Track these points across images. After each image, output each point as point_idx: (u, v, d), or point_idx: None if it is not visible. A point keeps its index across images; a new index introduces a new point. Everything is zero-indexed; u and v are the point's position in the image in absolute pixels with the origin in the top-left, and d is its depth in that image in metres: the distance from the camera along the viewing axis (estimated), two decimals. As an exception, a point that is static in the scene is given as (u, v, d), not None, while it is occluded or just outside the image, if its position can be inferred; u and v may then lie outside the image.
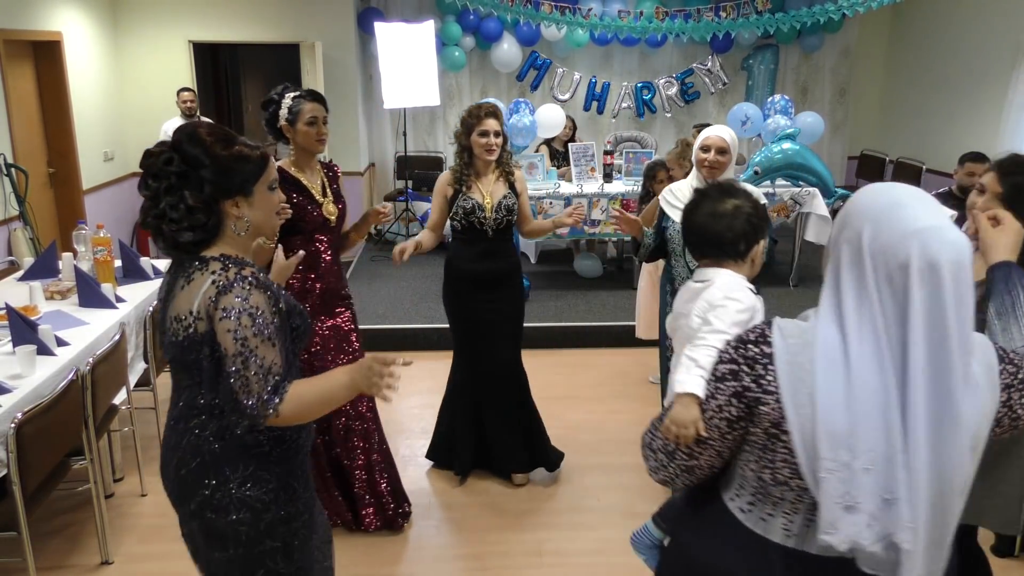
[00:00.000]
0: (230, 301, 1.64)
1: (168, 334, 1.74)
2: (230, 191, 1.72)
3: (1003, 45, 6.53)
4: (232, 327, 1.64)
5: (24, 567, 2.67)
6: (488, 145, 3.34)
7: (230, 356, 1.64)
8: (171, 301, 1.73)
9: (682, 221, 2.01)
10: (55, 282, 3.86)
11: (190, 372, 1.75)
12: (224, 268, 1.68)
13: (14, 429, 2.51)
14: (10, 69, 5.60)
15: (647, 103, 8.20)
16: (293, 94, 2.90)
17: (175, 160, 1.67)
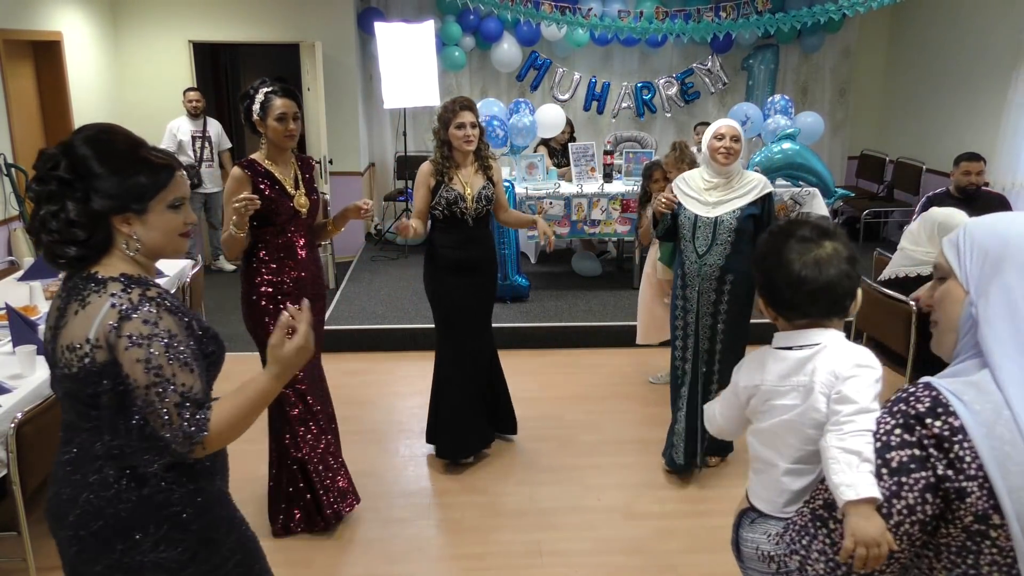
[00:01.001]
0: (136, 327, 1.47)
1: (59, 366, 1.53)
2: (120, 206, 1.52)
3: (1003, 45, 6.53)
4: (142, 356, 1.46)
5: (24, 567, 2.67)
6: (466, 137, 3.47)
7: (142, 388, 1.47)
8: (62, 328, 1.53)
9: (772, 271, 1.54)
10: (55, 282, 3.86)
11: (86, 412, 1.54)
12: (125, 289, 1.50)
13: (14, 429, 2.51)
14: (10, 69, 5.59)
15: (647, 103, 8.20)
16: (267, 89, 2.97)
17: (62, 164, 1.49)
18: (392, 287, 6.46)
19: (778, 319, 1.57)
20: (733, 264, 3.41)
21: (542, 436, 4.18)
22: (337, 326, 5.46)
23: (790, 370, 1.52)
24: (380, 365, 5.18)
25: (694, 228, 3.44)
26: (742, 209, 3.37)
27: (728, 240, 3.39)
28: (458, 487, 3.72)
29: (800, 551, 1.24)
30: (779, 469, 1.51)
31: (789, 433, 1.49)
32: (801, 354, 1.52)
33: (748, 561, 1.52)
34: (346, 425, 4.33)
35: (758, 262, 1.58)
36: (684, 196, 3.48)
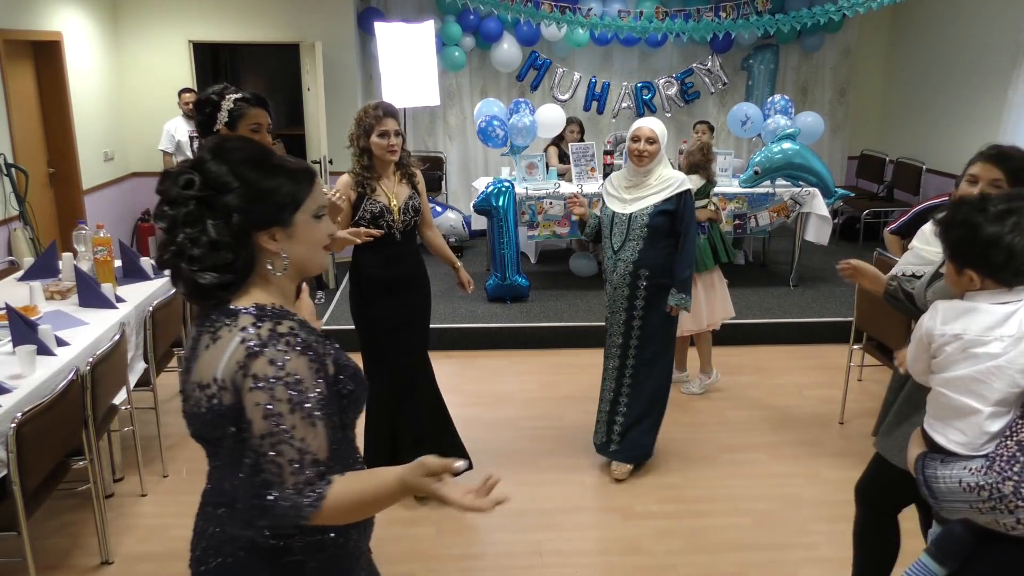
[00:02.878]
0: (262, 367, 1.30)
1: (190, 402, 1.40)
2: (265, 221, 1.37)
3: (1003, 45, 6.53)
4: (262, 400, 1.29)
5: (24, 567, 2.67)
6: (389, 146, 3.20)
7: (257, 437, 1.30)
8: (194, 363, 1.38)
9: (993, 244, 1.67)
10: (55, 282, 3.86)
11: (213, 451, 1.43)
12: (256, 323, 1.34)
13: (14, 429, 2.51)
14: (10, 69, 5.59)
15: (647, 103, 8.20)
16: (235, 96, 2.65)
17: (196, 182, 1.34)
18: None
19: (983, 281, 1.72)
20: (647, 259, 3.49)
21: (542, 436, 4.18)
22: (337, 326, 5.46)
23: (996, 322, 1.68)
24: (380, 365, 5.17)
25: (611, 225, 3.56)
26: (655, 206, 3.46)
27: (641, 236, 3.47)
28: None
29: (1013, 477, 1.49)
30: (983, 413, 1.65)
31: (996, 378, 1.64)
32: (1006, 308, 1.69)
33: (947, 495, 1.65)
34: (346, 425, 4.34)
35: (971, 236, 1.70)
36: (607, 195, 3.63)
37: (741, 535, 3.32)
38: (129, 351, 3.51)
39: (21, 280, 4.04)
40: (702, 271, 4.52)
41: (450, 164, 8.40)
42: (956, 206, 1.78)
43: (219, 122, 2.63)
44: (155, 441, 3.86)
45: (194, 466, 3.90)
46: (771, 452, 4.04)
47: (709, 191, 4.62)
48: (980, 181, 2.14)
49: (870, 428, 2.71)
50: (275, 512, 1.31)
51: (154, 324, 3.67)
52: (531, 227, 6.15)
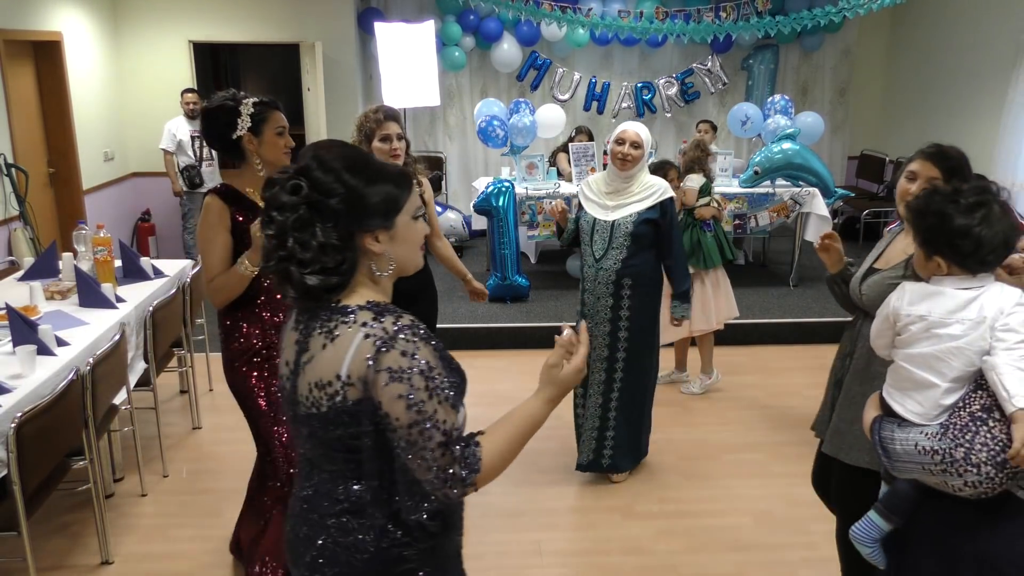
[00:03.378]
0: (395, 359, 1.33)
1: (303, 404, 1.42)
2: (370, 224, 1.41)
3: (1003, 45, 6.53)
4: (404, 391, 1.33)
5: (24, 567, 2.67)
6: (392, 151, 3.08)
7: (404, 427, 1.34)
8: (307, 364, 1.41)
9: (964, 233, 1.78)
10: (55, 282, 3.86)
11: (331, 454, 1.43)
12: (377, 318, 1.38)
13: (14, 429, 2.51)
14: (10, 69, 5.60)
15: (647, 103, 8.20)
16: (253, 100, 2.56)
17: (303, 187, 1.37)
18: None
19: (949, 268, 1.82)
20: (630, 268, 3.37)
21: (542, 436, 4.15)
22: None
23: (958, 306, 1.81)
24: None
25: (592, 232, 3.43)
26: (639, 213, 3.35)
27: (624, 244, 3.36)
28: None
29: (964, 444, 1.65)
30: (940, 388, 1.79)
31: (955, 357, 1.77)
32: (969, 294, 1.81)
33: (901, 456, 1.80)
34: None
35: (942, 226, 1.80)
36: (586, 200, 3.48)
37: (741, 535, 3.32)
38: (129, 351, 3.51)
39: (21, 280, 4.04)
40: (710, 268, 4.52)
41: (450, 164, 8.40)
42: (929, 196, 1.88)
43: (241, 128, 2.52)
44: (155, 441, 3.86)
45: (194, 466, 3.90)
46: (771, 452, 4.04)
47: (710, 188, 4.63)
48: (919, 178, 2.23)
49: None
50: (440, 493, 1.37)
51: (154, 324, 3.67)
52: (531, 227, 6.15)
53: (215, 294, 2.55)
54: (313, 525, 1.47)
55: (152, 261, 4.31)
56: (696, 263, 4.49)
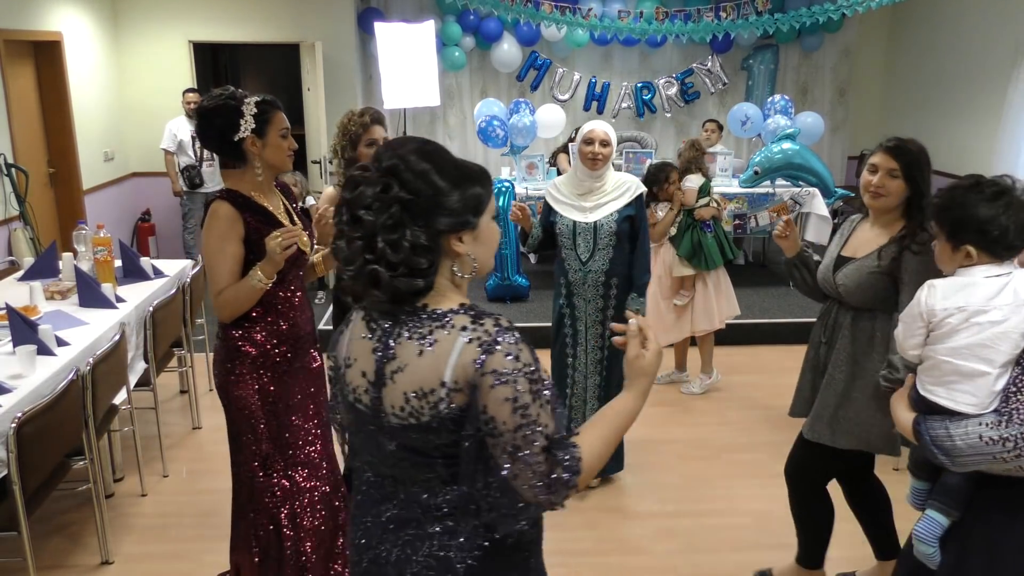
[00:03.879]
0: (500, 362, 1.30)
1: (394, 416, 1.36)
2: (460, 223, 1.37)
3: (1003, 45, 6.52)
4: (510, 394, 1.29)
5: (24, 567, 2.67)
6: None
7: (510, 431, 1.30)
8: (397, 374, 1.35)
9: (991, 221, 1.87)
10: (55, 282, 3.86)
11: (427, 463, 1.38)
12: (477, 321, 1.34)
13: (14, 429, 2.51)
14: (10, 69, 5.60)
15: (647, 103, 8.20)
16: (255, 99, 2.38)
17: (394, 187, 1.32)
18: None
19: (979, 256, 1.89)
20: (616, 268, 3.35)
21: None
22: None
23: (993, 293, 1.86)
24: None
25: (574, 235, 3.34)
26: (619, 211, 3.32)
27: (610, 244, 3.33)
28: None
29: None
30: (992, 375, 1.82)
31: (1002, 342, 1.82)
32: (1000, 281, 1.87)
33: (965, 451, 1.79)
34: (346, 425, 4.34)
35: (968, 216, 1.87)
36: (558, 203, 3.38)
37: (741, 535, 3.32)
38: (129, 351, 3.51)
39: (21, 280, 4.04)
40: (711, 269, 4.52)
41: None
42: (950, 191, 1.95)
43: (244, 130, 2.35)
44: (155, 441, 3.86)
45: (194, 466, 3.90)
46: (771, 452, 4.03)
47: (709, 188, 4.62)
48: (879, 170, 2.37)
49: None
50: (543, 499, 1.34)
51: (154, 324, 3.67)
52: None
53: (223, 308, 2.39)
54: (407, 544, 1.41)
55: (152, 261, 4.31)
56: (697, 264, 4.49)
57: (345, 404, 1.46)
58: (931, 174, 2.44)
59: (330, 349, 1.53)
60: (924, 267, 2.28)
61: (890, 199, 2.38)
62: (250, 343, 2.46)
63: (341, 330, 1.50)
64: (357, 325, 1.45)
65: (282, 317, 2.49)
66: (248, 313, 2.43)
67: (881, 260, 2.39)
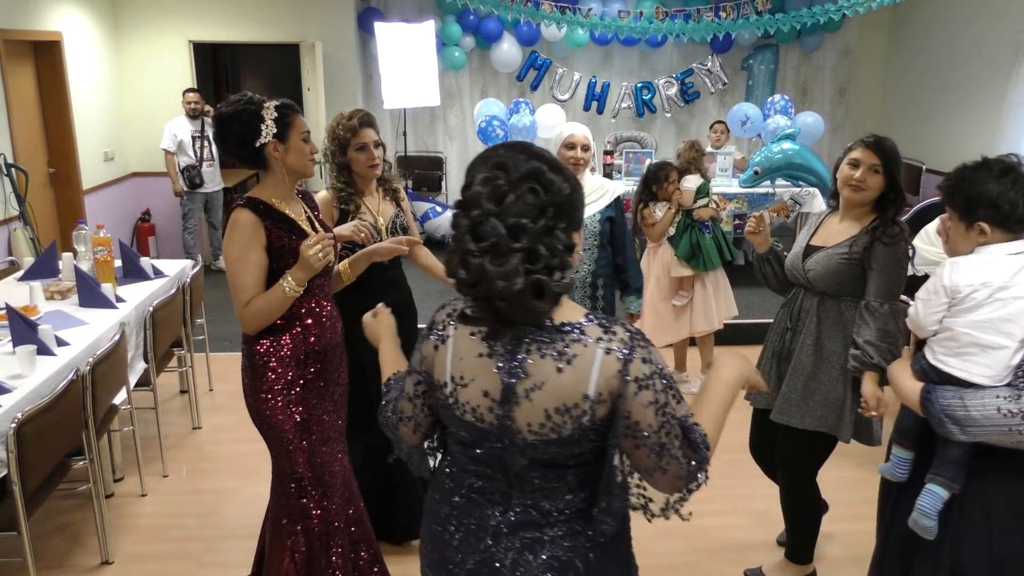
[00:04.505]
0: (639, 368, 1.32)
1: (530, 433, 1.35)
2: (578, 225, 1.39)
3: (1003, 45, 6.53)
4: (651, 398, 1.32)
5: (24, 567, 2.67)
6: (371, 160, 2.87)
7: (655, 432, 1.32)
8: (534, 391, 1.34)
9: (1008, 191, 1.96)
10: (55, 282, 3.86)
11: (557, 473, 1.39)
12: (608, 331, 1.34)
13: (14, 429, 2.51)
14: (10, 69, 5.60)
15: (647, 103, 8.20)
16: (275, 103, 2.32)
17: (540, 191, 1.31)
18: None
19: (993, 231, 1.94)
20: (600, 269, 3.36)
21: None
22: (337, 326, 5.46)
23: (1016, 269, 1.92)
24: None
25: None
26: (601, 212, 3.32)
27: (595, 244, 3.33)
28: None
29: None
30: (1010, 349, 1.87)
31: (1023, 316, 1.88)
32: (1021, 258, 1.92)
33: (980, 421, 1.84)
34: (346, 425, 4.33)
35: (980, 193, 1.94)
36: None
37: (741, 535, 3.32)
38: (129, 351, 3.51)
39: (21, 280, 4.04)
40: (710, 270, 4.52)
41: (450, 164, 8.41)
42: (959, 172, 2.03)
43: (266, 135, 2.27)
44: (155, 441, 3.86)
45: (194, 466, 3.90)
46: (771, 452, 4.03)
47: (708, 189, 4.62)
48: (862, 165, 2.47)
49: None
50: (685, 487, 1.38)
51: (154, 324, 3.67)
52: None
53: (252, 319, 2.28)
54: (525, 547, 1.42)
55: (152, 261, 4.31)
56: (696, 265, 4.49)
57: (454, 420, 1.44)
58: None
59: (414, 365, 1.52)
60: (893, 257, 2.45)
61: (869, 193, 2.49)
62: (277, 359, 2.36)
63: (436, 345, 1.45)
64: (464, 342, 1.41)
65: (309, 330, 2.39)
66: (273, 325, 2.34)
67: (852, 249, 2.50)
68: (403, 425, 1.57)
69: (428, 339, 1.48)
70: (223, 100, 2.36)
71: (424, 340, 1.49)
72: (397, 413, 1.58)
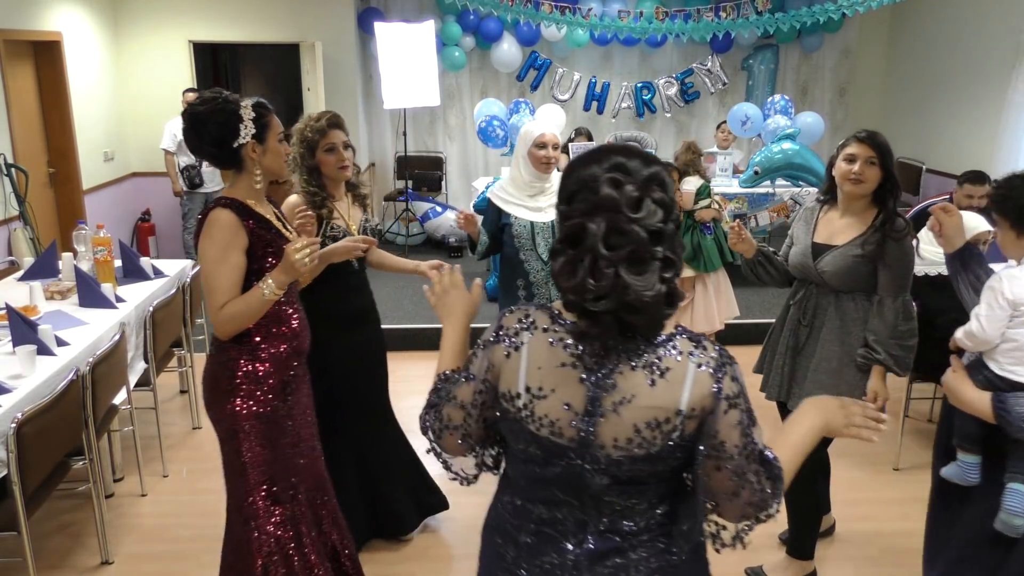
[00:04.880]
0: (729, 386, 1.28)
1: (621, 448, 1.28)
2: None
3: (1003, 45, 6.52)
4: (738, 417, 1.29)
5: (24, 567, 2.67)
6: (341, 162, 2.82)
7: (737, 454, 1.28)
8: (623, 405, 1.27)
9: None
10: (55, 282, 3.86)
11: (638, 490, 1.33)
12: (698, 345, 1.29)
13: (14, 429, 2.51)
14: (10, 69, 5.60)
15: (647, 103, 8.20)
16: (251, 102, 2.22)
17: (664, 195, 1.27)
18: (392, 287, 6.46)
19: None
20: None
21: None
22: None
23: None
24: (380, 365, 5.18)
25: (533, 235, 3.17)
26: None
27: None
28: (458, 487, 3.69)
29: None
30: None
31: None
32: None
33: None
34: (346, 425, 4.33)
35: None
36: (508, 205, 3.20)
37: (741, 535, 3.32)
38: (129, 351, 3.51)
39: (21, 280, 4.04)
40: (711, 271, 4.52)
41: (450, 164, 8.40)
42: (1009, 181, 2.14)
43: (245, 135, 2.18)
44: (155, 441, 3.86)
45: (194, 466, 3.90)
46: (771, 452, 4.03)
47: (709, 190, 4.63)
48: (858, 159, 2.54)
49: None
50: (759, 515, 1.33)
51: (154, 324, 3.67)
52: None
53: (227, 323, 2.19)
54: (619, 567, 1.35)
55: (152, 261, 4.31)
56: (697, 266, 4.50)
57: (525, 434, 1.35)
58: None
59: (475, 372, 1.41)
60: (901, 251, 2.53)
61: (868, 185, 2.55)
62: (256, 361, 2.27)
63: (508, 352, 1.35)
64: (543, 351, 1.32)
65: (282, 337, 2.32)
66: (250, 343, 2.26)
67: (865, 247, 2.56)
68: (448, 434, 1.47)
69: (497, 346, 1.36)
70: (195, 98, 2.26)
71: (491, 347, 1.38)
72: (442, 420, 1.48)
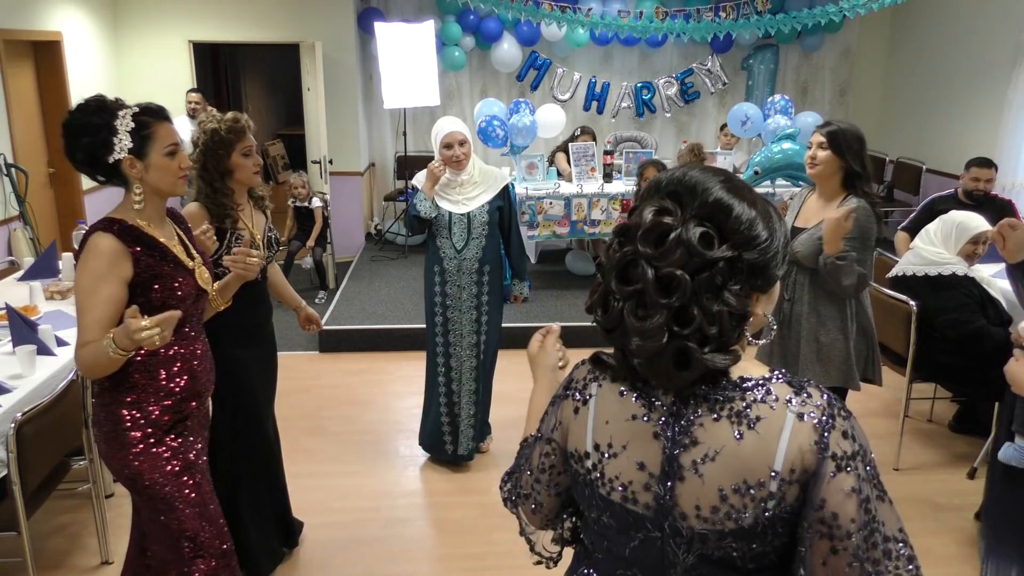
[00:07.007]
0: (838, 443, 1.02)
1: (704, 519, 1.05)
2: (772, 281, 1.08)
3: (1003, 45, 6.52)
4: (853, 484, 1.00)
5: (24, 567, 2.67)
6: (257, 166, 2.66)
7: (856, 534, 0.99)
8: (704, 463, 1.05)
9: None
10: (55, 282, 3.86)
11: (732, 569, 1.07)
12: (799, 392, 1.04)
13: (14, 429, 2.52)
14: (10, 69, 5.59)
15: (647, 103, 8.20)
16: (133, 110, 1.96)
17: (715, 239, 1.02)
18: (392, 287, 6.46)
19: None
20: (488, 256, 3.61)
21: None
22: (337, 326, 5.46)
23: None
24: (379, 365, 5.18)
25: (450, 224, 3.57)
26: (490, 202, 3.58)
27: (483, 233, 3.58)
28: (458, 487, 3.72)
29: None
30: None
31: None
32: None
33: None
34: (345, 425, 4.34)
35: None
36: (441, 199, 3.59)
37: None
38: (129, 351, 3.50)
39: (21, 280, 4.04)
40: None
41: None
42: None
43: (119, 149, 1.95)
44: (155, 441, 3.85)
45: (194, 466, 3.90)
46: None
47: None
48: (813, 145, 2.99)
49: (872, 427, 2.76)
50: None
51: (154, 324, 3.66)
52: (531, 227, 6.16)
53: (83, 367, 1.94)
54: None
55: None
56: None
57: (597, 501, 1.15)
58: (865, 151, 2.93)
59: (544, 432, 1.26)
60: (857, 227, 2.74)
61: (823, 167, 2.95)
62: (140, 411, 2.04)
63: (577, 407, 1.19)
64: (611, 402, 1.14)
65: (178, 375, 2.08)
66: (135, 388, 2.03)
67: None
68: (523, 504, 1.31)
69: (566, 401, 1.21)
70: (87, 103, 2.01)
71: (560, 402, 1.22)
72: (517, 488, 1.32)
